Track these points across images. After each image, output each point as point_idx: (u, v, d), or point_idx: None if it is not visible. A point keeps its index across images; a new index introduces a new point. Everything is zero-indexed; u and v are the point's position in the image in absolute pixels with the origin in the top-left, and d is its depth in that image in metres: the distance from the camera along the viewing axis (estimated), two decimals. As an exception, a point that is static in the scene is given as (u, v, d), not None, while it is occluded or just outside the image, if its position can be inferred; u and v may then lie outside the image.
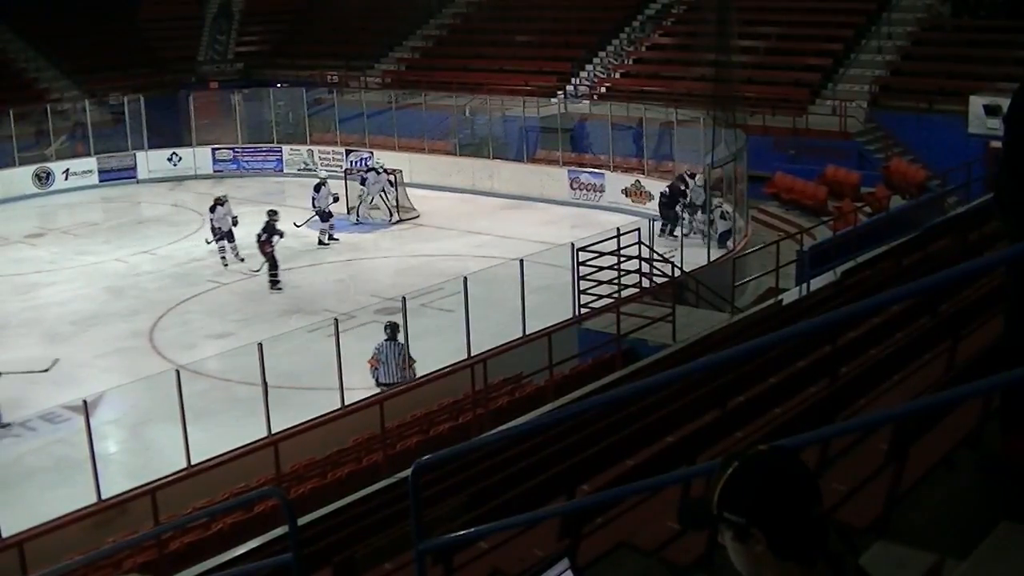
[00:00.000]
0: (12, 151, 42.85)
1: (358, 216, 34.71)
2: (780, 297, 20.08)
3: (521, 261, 21.91)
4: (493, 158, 39.28)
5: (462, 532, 6.84)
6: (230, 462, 16.76)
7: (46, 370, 23.03)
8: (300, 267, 30.46)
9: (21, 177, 42.46)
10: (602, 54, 44.03)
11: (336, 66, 47.84)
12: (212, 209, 31.39)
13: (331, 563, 9.39)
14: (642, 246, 23.22)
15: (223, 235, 31.09)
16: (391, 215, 34.82)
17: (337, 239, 32.77)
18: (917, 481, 6.69)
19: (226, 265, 30.75)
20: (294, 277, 29.66)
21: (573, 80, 43.33)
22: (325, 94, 44.84)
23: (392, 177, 35.18)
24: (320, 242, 32.36)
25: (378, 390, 19.03)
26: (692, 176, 32.25)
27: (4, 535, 14.43)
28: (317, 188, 33.33)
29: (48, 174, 42.91)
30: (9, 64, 49.53)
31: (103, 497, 15.95)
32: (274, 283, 29.14)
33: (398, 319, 19.98)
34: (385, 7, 50.01)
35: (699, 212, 31.29)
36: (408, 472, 6.20)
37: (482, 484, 9.53)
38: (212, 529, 14.49)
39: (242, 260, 30.56)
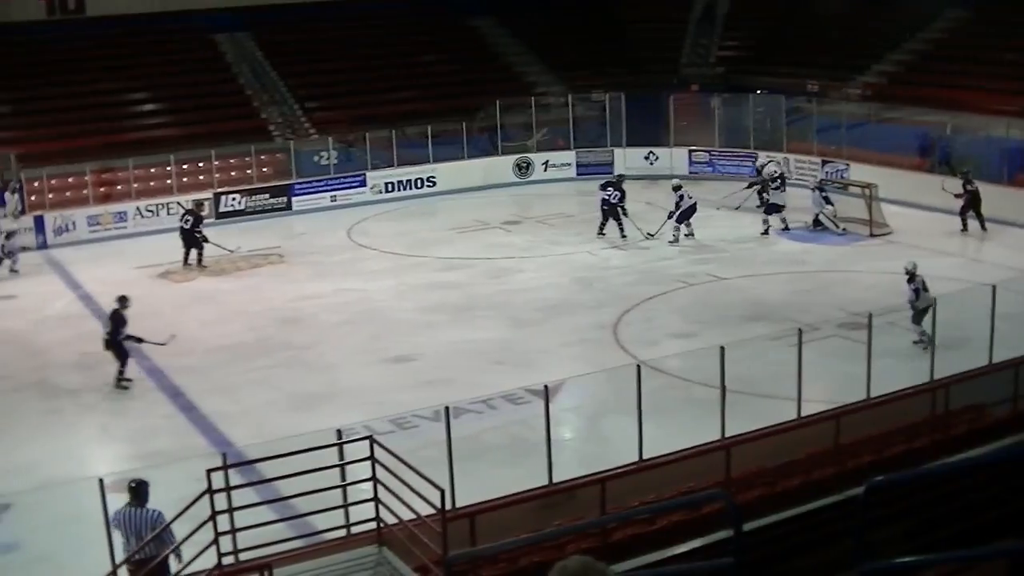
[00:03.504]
0: (497, 140, 44.88)
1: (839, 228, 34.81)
2: None
3: (993, 287, 21.12)
4: (973, 179, 37.83)
5: (906, 559, 6.69)
6: (680, 461, 16.90)
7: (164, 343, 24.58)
8: (765, 275, 30.37)
9: (503, 166, 44.41)
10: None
11: (817, 75, 47.25)
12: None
13: (770, 573, 9.35)
14: None
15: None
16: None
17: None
18: None
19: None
20: (759, 284, 29.60)
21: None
22: (804, 103, 44.39)
23: (868, 191, 34.67)
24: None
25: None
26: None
27: (459, 505, 15.07)
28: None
29: (528, 164, 44.63)
30: (500, 58, 51.68)
31: (554, 481, 16.43)
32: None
33: (862, 335, 19.67)
34: (870, 19, 49.02)
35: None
36: (858, 491, 6.10)
37: (931, 512, 9.27)
38: (656, 524, 14.65)
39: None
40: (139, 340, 24.08)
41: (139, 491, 14.17)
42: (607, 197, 35.42)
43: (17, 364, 26.21)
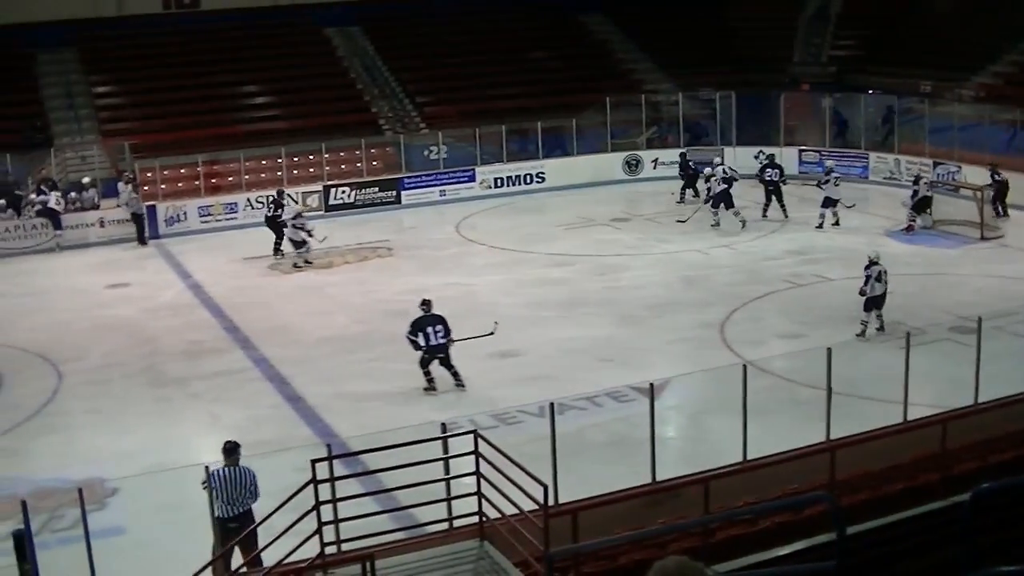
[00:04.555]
0: (606, 137, 44.87)
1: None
2: None
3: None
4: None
5: (1012, 568, 6.59)
6: (784, 463, 16.80)
7: (491, 333, 23.90)
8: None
9: (612, 163, 44.39)
10: None
11: (930, 76, 46.57)
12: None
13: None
14: None
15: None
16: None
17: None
18: None
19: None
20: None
21: None
22: (916, 103, 43.80)
23: (980, 193, 34.24)
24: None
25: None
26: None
27: (561, 501, 15.09)
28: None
29: (637, 162, 44.56)
30: (610, 55, 51.71)
31: (657, 479, 16.40)
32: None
33: (971, 339, 19.41)
34: (984, 19, 48.19)
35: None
36: (964, 497, 6.03)
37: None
38: (758, 526, 14.57)
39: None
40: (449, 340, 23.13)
41: (234, 452, 15.40)
42: (771, 177, 37.03)
43: (128, 351, 26.72)
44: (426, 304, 23.15)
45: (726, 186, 36.50)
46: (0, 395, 24.44)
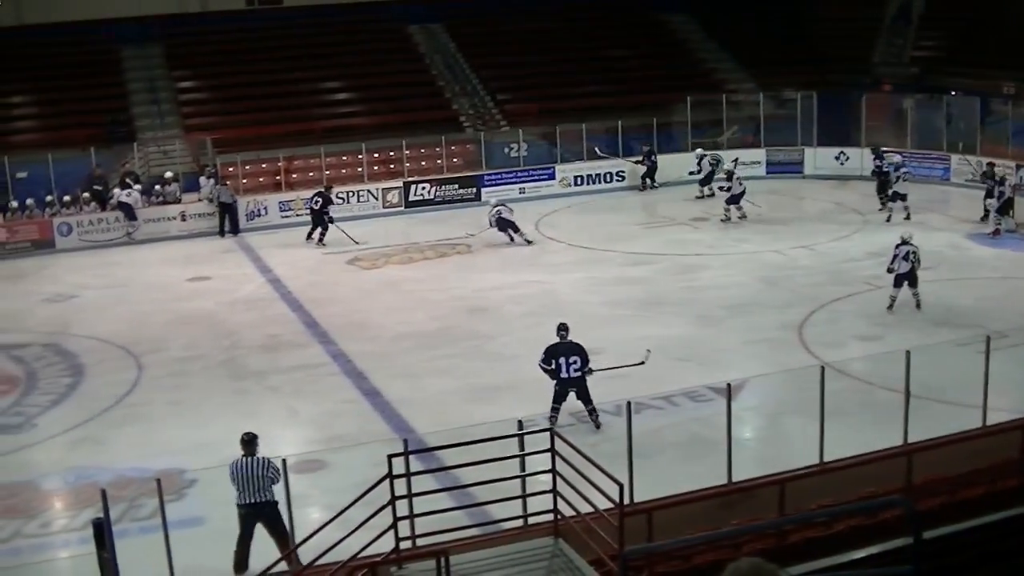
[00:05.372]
0: (686, 136, 44.70)
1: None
2: None
3: None
4: None
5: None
6: (861, 465, 16.71)
7: (642, 362, 22.09)
8: (954, 279, 29.72)
9: (692, 162, 44.00)
10: None
11: (1013, 77, 45.92)
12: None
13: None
14: None
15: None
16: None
17: None
18: None
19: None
20: (947, 289, 28.94)
21: None
22: (1001, 105, 43.26)
23: None
24: None
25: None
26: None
27: (636, 500, 15.10)
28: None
29: (718, 162, 44.22)
30: (691, 53, 51.60)
31: (732, 480, 16.37)
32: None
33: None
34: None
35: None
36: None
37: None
38: (833, 528, 14.50)
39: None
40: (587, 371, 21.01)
41: (252, 443, 15.94)
42: (887, 168, 38.03)
43: (208, 344, 27.01)
44: (563, 330, 21.10)
45: (743, 188, 37.38)
46: (82, 385, 24.78)
